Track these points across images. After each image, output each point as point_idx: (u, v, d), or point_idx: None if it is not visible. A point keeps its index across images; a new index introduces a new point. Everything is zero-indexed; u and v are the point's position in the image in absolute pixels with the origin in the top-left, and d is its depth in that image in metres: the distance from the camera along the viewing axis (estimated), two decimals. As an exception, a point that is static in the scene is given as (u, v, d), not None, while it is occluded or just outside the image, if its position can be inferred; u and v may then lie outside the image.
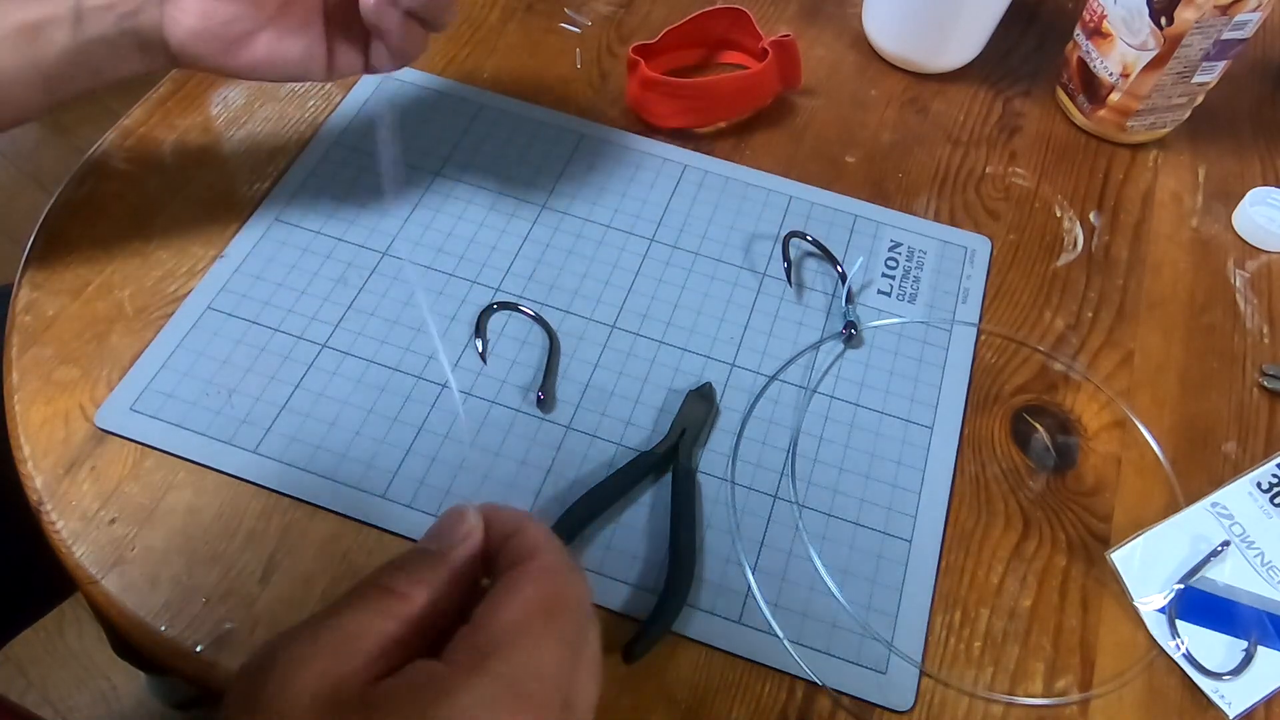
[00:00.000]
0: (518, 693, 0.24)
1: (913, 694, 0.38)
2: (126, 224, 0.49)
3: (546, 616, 0.26)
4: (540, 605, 0.26)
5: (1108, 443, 0.46)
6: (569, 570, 0.27)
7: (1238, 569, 0.41)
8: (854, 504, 0.43)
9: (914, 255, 0.51)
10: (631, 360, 0.46)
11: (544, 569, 0.27)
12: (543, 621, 0.26)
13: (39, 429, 0.42)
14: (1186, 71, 0.53)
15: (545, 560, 0.27)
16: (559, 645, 0.26)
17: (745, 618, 0.39)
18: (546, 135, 0.55)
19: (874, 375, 0.47)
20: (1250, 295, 0.52)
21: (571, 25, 0.61)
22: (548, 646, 0.25)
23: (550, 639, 0.25)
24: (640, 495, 0.42)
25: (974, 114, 0.59)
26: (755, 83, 0.55)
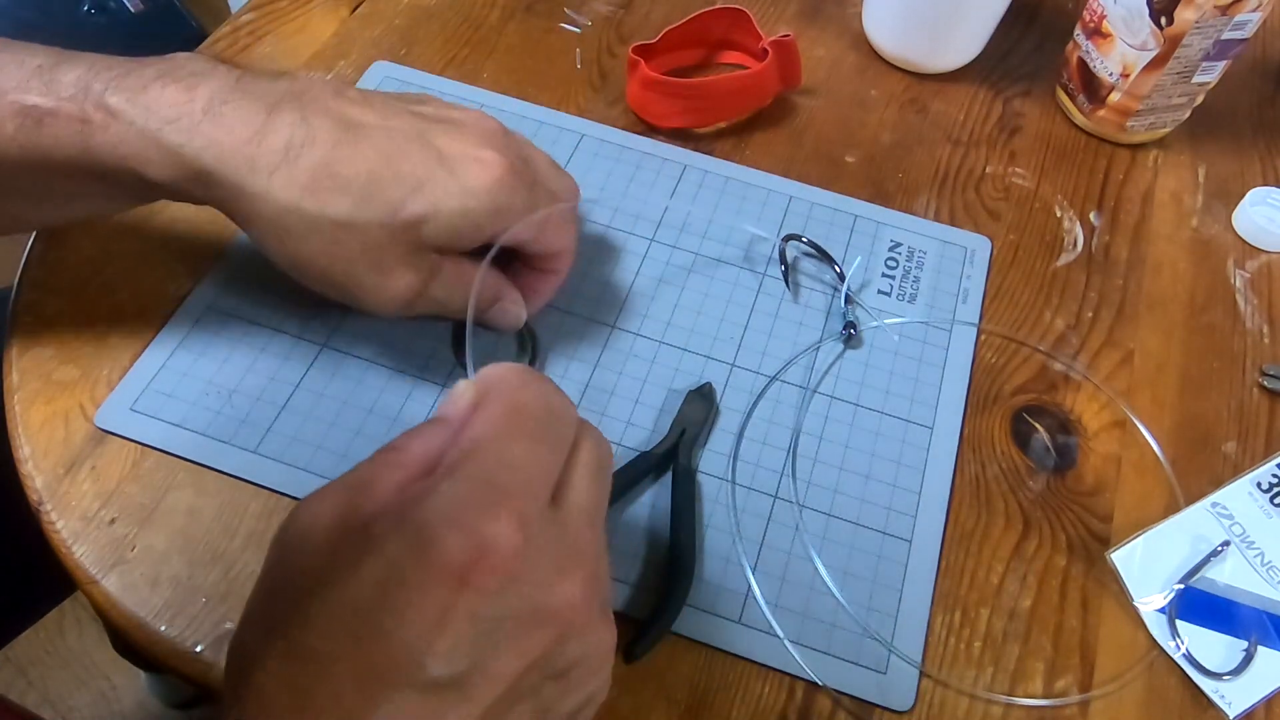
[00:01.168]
0: (490, 485, 0.25)
1: (913, 694, 0.38)
2: (126, 224, 0.49)
3: (511, 418, 0.27)
4: (503, 412, 0.28)
5: (1108, 443, 0.46)
6: (532, 381, 0.29)
7: (1238, 569, 0.41)
8: (854, 504, 0.43)
9: (914, 255, 0.51)
10: (631, 360, 0.46)
11: (506, 385, 0.29)
12: (508, 424, 0.27)
13: (39, 429, 0.42)
14: (1186, 71, 0.53)
15: (507, 378, 0.29)
16: (530, 441, 0.27)
17: (745, 618, 0.39)
18: (546, 135, 0.55)
19: (874, 375, 0.47)
20: (1250, 295, 0.52)
21: (571, 25, 0.61)
22: (517, 442, 0.27)
23: (519, 437, 0.27)
24: (640, 495, 0.42)
25: (974, 114, 0.59)
26: (755, 83, 0.55)
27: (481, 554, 0.24)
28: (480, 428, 0.27)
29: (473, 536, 0.24)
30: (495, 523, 0.25)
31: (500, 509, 0.25)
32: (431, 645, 0.24)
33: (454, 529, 0.24)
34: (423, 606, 0.24)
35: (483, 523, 0.25)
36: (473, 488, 0.25)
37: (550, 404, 0.29)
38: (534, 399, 0.29)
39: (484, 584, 0.24)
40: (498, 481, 0.26)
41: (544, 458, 0.27)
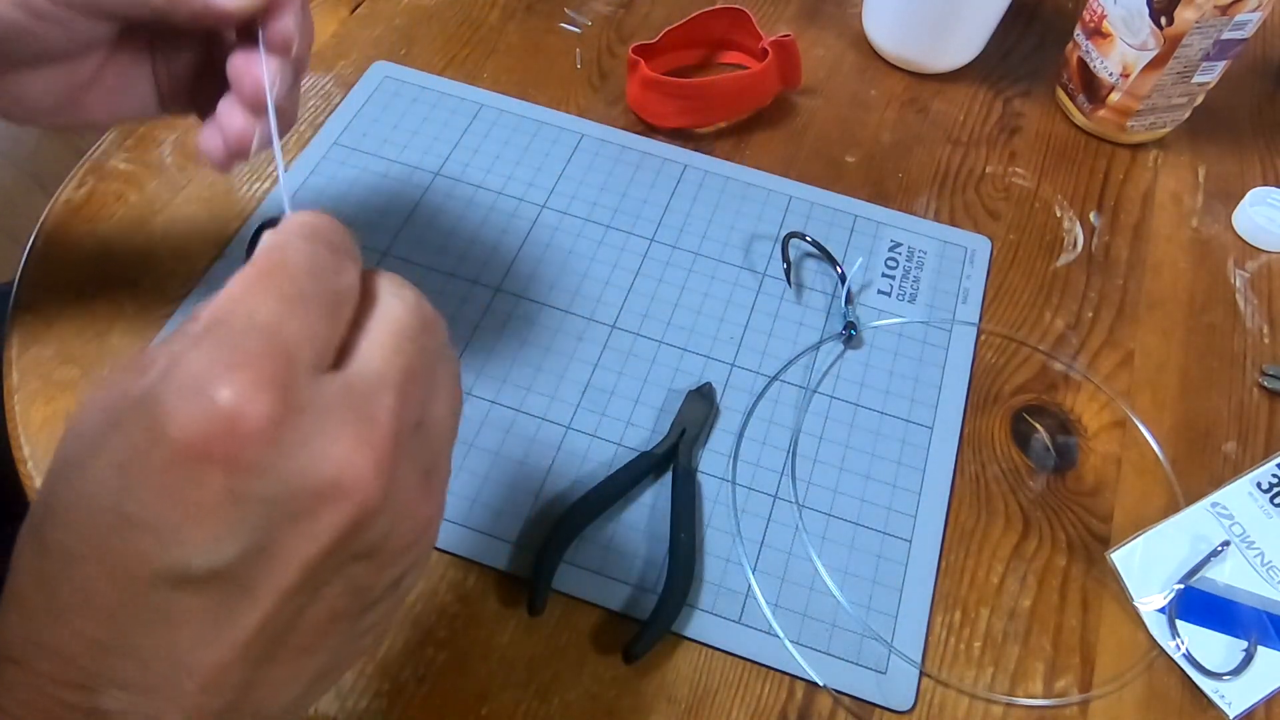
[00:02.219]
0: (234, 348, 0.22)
1: (913, 694, 0.38)
2: (126, 224, 0.49)
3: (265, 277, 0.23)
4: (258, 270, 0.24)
5: (1108, 443, 0.46)
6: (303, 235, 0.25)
7: (1238, 569, 0.41)
8: (854, 504, 0.43)
9: (914, 255, 0.51)
10: (631, 360, 0.46)
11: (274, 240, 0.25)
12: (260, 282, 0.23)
13: (39, 429, 0.42)
14: (1186, 71, 0.53)
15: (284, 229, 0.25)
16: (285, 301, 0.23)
17: (745, 618, 0.39)
18: (546, 135, 0.55)
19: (874, 375, 0.47)
20: (1250, 295, 0.52)
21: (571, 25, 0.61)
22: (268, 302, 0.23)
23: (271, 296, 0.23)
24: (640, 495, 0.42)
25: (974, 114, 0.59)
26: (755, 83, 0.55)
27: (228, 424, 0.21)
28: (233, 288, 0.23)
29: (212, 405, 0.21)
30: (240, 388, 0.21)
31: (246, 371, 0.21)
32: (185, 533, 0.21)
33: (189, 398, 0.21)
34: (167, 489, 0.21)
35: (224, 388, 0.21)
36: (213, 353, 0.22)
37: (316, 260, 0.24)
38: (297, 254, 0.24)
39: (237, 457, 0.21)
40: (243, 345, 0.22)
41: (307, 318, 0.23)
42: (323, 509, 0.22)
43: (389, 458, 0.23)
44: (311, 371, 0.23)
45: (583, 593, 0.39)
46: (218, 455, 0.21)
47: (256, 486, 0.21)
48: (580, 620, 0.39)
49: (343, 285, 0.25)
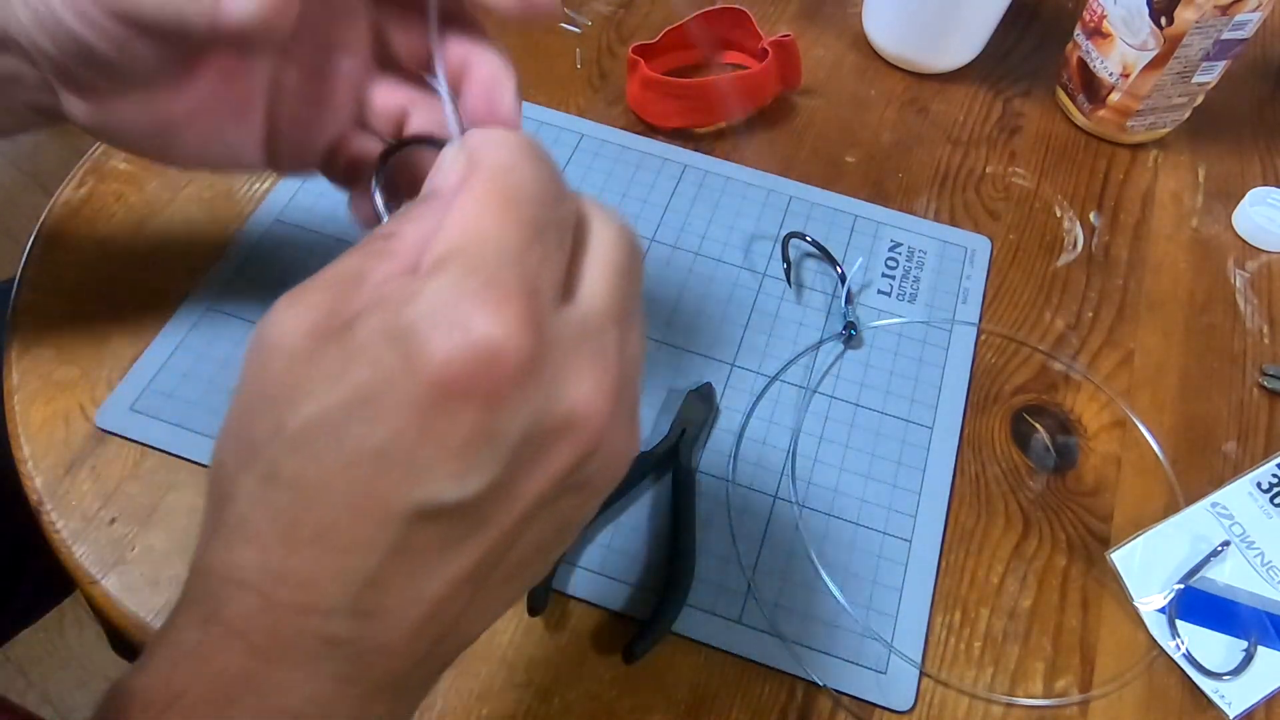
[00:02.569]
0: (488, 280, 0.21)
1: (913, 694, 0.38)
2: (126, 224, 0.49)
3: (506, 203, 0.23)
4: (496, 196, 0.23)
5: (1108, 443, 0.46)
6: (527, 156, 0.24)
7: (1238, 569, 0.41)
8: (854, 504, 0.43)
9: (914, 255, 0.51)
10: (631, 360, 0.46)
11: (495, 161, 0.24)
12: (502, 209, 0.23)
13: (39, 429, 0.42)
14: (1186, 71, 0.53)
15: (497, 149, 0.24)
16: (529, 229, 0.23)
17: (745, 618, 0.39)
18: (546, 135, 0.55)
19: (874, 375, 0.47)
20: (1250, 295, 0.52)
21: (571, 25, 0.61)
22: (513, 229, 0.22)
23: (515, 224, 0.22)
24: (640, 495, 0.42)
25: (974, 114, 0.59)
26: (755, 83, 0.55)
27: (490, 359, 0.21)
28: (469, 213, 0.23)
29: (473, 340, 0.20)
30: (499, 323, 0.21)
31: (504, 306, 0.21)
32: (438, 468, 0.21)
33: (450, 331, 0.20)
34: (423, 423, 0.21)
35: (484, 323, 0.21)
36: (466, 284, 0.21)
37: (546, 184, 0.24)
38: (530, 180, 0.23)
39: (495, 394, 0.21)
40: (498, 276, 0.21)
41: (546, 247, 0.23)
42: (561, 444, 0.22)
43: (618, 393, 0.23)
44: (553, 304, 0.22)
45: (583, 593, 0.39)
46: (477, 391, 0.20)
47: (510, 423, 0.21)
48: (580, 620, 0.39)
49: (567, 211, 0.24)
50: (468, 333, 0.20)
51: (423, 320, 0.21)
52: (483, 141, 0.24)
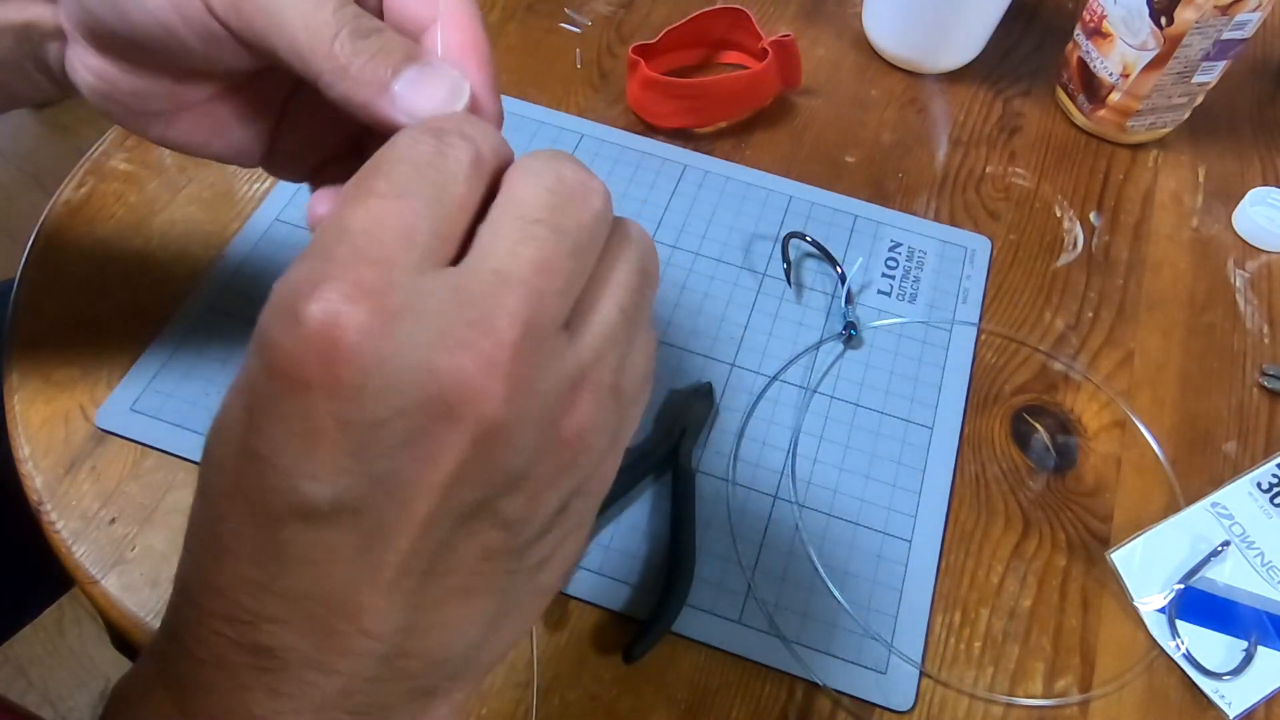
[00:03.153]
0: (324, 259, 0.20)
1: (913, 694, 0.38)
2: (126, 224, 0.49)
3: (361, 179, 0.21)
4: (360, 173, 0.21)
5: (1108, 443, 0.46)
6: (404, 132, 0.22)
7: (1238, 569, 0.41)
8: (854, 504, 0.43)
9: (914, 255, 0.51)
10: (631, 360, 0.46)
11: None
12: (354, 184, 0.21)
13: (39, 429, 0.42)
14: (1186, 71, 0.53)
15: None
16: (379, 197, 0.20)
17: (745, 618, 0.39)
18: (546, 135, 0.55)
19: (874, 375, 0.47)
20: (1250, 295, 0.52)
21: (571, 25, 0.61)
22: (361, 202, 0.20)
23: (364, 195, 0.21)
24: (640, 495, 0.42)
25: (974, 114, 0.59)
26: (755, 83, 0.55)
27: (321, 344, 0.19)
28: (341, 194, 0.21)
29: (302, 326, 0.19)
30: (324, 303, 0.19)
31: (331, 285, 0.19)
32: (302, 465, 0.19)
33: (282, 322, 0.19)
34: (281, 420, 0.19)
35: (309, 305, 0.19)
36: (302, 269, 0.20)
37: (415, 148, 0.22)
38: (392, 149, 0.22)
39: (337, 380, 0.19)
40: (332, 255, 0.20)
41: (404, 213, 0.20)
42: (438, 428, 0.20)
43: (510, 364, 0.20)
44: (413, 272, 0.20)
45: (583, 593, 0.39)
46: (316, 380, 0.19)
47: (362, 410, 0.19)
48: (580, 620, 0.39)
49: (448, 166, 0.22)
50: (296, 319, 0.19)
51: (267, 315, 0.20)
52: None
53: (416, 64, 0.26)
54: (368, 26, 0.25)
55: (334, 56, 0.25)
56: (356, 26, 0.25)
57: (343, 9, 0.25)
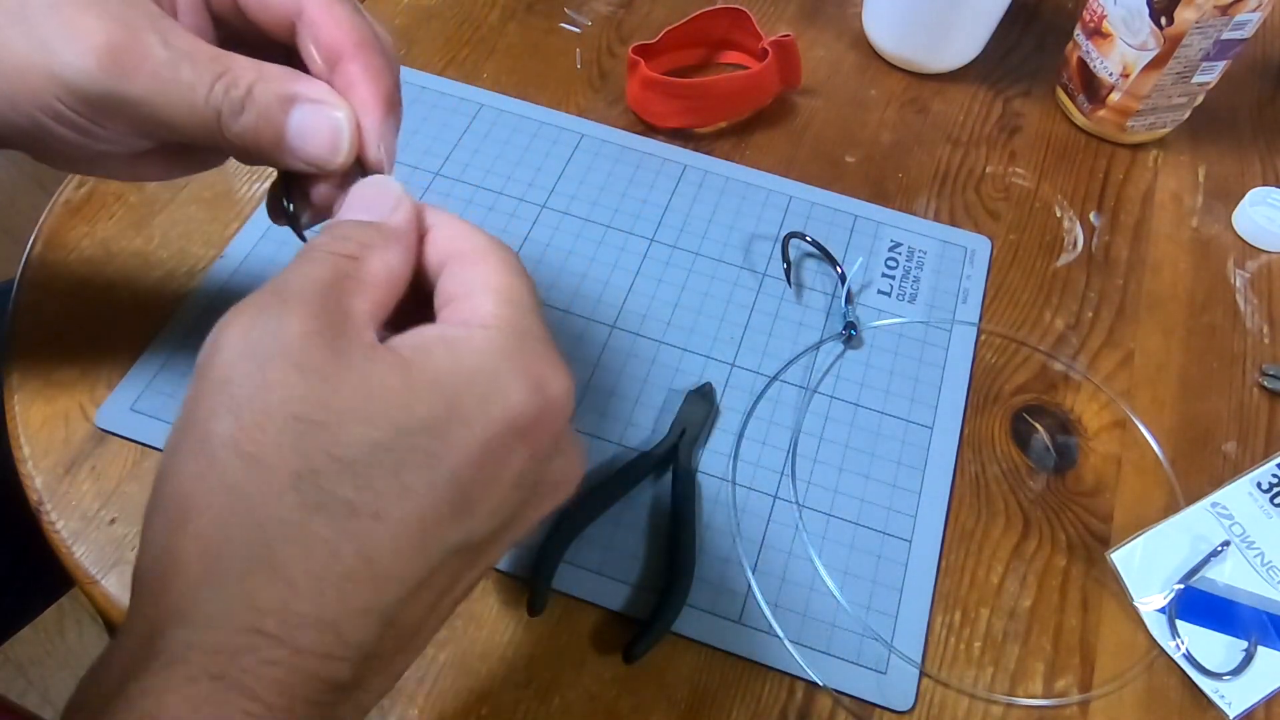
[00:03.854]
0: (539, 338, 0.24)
1: (913, 694, 0.38)
2: (126, 224, 0.49)
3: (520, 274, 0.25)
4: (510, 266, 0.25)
5: (1108, 443, 0.46)
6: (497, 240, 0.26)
7: (1238, 569, 0.41)
8: (854, 504, 0.43)
9: (914, 255, 0.51)
10: (631, 360, 0.46)
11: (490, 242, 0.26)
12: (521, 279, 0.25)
13: (39, 429, 0.42)
14: (1186, 71, 0.53)
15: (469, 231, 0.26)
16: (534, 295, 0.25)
17: (745, 618, 0.39)
18: (546, 135, 0.55)
19: (874, 375, 0.47)
20: (1250, 295, 0.52)
21: (571, 25, 0.61)
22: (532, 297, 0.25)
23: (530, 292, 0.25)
24: (640, 495, 0.42)
25: (974, 114, 0.59)
26: (755, 83, 0.55)
27: (554, 409, 0.23)
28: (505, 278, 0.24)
29: (538, 391, 0.23)
30: (561, 380, 0.23)
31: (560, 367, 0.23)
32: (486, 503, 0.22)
33: (526, 380, 0.22)
34: (484, 461, 0.22)
35: (555, 380, 0.23)
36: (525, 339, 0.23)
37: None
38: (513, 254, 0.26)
39: (540, 443, 0.23)
40: (548, 337, 0.24)
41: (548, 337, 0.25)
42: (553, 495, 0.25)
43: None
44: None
45: (583, 593, 0.39)
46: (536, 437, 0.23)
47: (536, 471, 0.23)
48: (580, 620, 0.39)
49: None
50: (541, 387, 0.23)
51: (503, 370, 0.22)
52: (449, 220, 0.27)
53: (293, 110, 0.27)
54: (238, 97, 0.26)
55: (228, 140, 0.27)
56: (231, 104, 0.26)
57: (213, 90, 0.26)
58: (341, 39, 0.28)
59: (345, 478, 0.20)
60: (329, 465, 0.20)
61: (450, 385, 0.22)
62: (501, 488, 0.22)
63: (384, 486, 0.20)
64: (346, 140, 0.27)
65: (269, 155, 0.27)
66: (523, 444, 0.22)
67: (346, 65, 0.28)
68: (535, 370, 0.23)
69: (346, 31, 0.28)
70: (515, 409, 0.22)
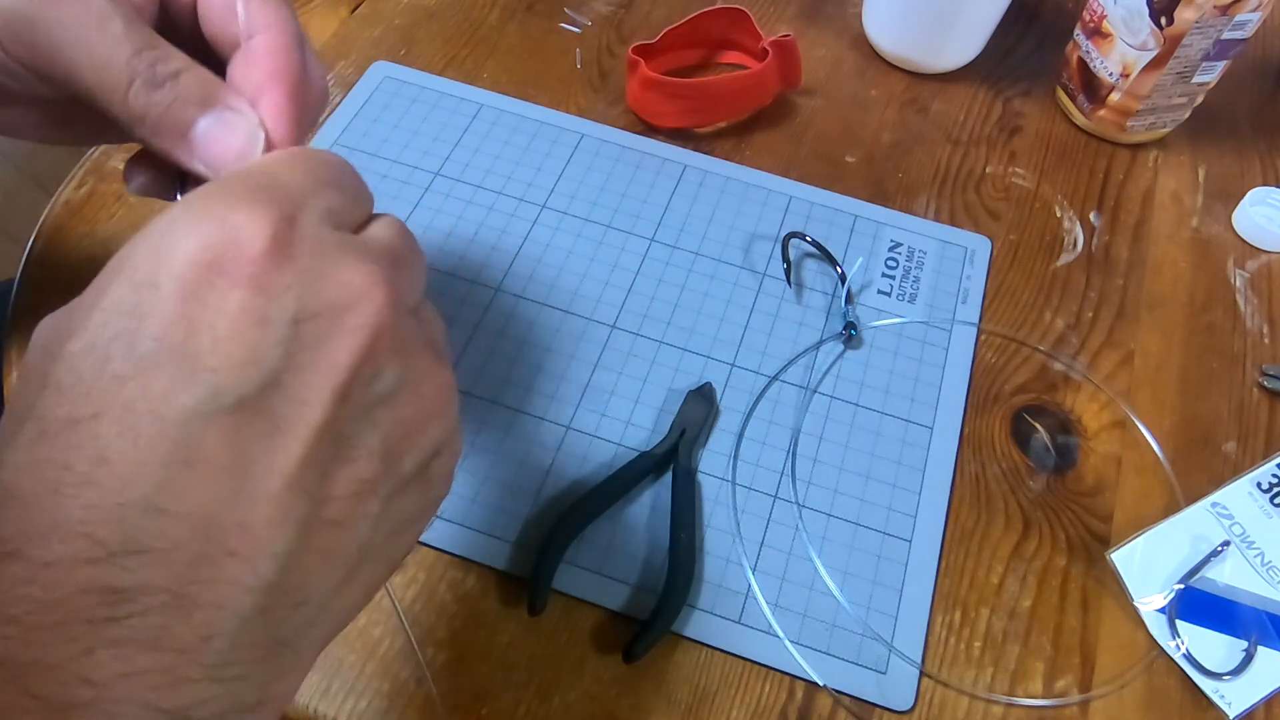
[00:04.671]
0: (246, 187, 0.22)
1: (913, 694, 0.38)
2: (126, 224, 0.49)
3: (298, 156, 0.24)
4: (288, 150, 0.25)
5: (1108, 443, 0.46)
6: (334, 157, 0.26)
7: (1238, 569, 0.41)
8: (854, 504, 0.43)
9: (914, 255, 0.51)
10: (631, 360, 0.46)
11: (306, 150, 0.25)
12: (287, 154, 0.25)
13: (39, 429, 0.42)
14: (1186, 71, 0.53)
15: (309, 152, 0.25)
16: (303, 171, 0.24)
17: (745, 618, 0.39)
18: (546, 135, 0.55)
19: (874, 375, 0.47)
20: (1250, 295, 0.52)
21: (571, 25, 0.61)
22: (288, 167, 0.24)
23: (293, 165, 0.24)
24: (640, 495, 0.42)
25: (974, 114, 0.59)
26: (755, 83, 0.55)
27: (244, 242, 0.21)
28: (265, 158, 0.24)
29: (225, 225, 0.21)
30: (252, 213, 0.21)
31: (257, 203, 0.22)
32: (209, 357, 0.20)
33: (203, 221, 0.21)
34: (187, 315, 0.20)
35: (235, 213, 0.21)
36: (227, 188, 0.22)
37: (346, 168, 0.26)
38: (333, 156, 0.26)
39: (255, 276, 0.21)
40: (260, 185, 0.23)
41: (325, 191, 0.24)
42: (338, 331, 0.22)
43: (395, 292, 0.23)
44: (320, 222, 0.23)
45: (583, 593, 0.39)
46: (234, 273, 0.20)
47: (275, 306, 0.21)
48: (580, 620, 0.39)
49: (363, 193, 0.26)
50: (220, 219, 0.21)
51: (177, 218, 0.21)
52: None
53: (214, 110, 0.26)
54: (164, 73, 0.26)
55: (128, 106, 0.26)
56: (151, 75, 0.26)
57: (139, 55, 0.26)
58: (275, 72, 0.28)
59: (59, 396, 0.20)
60: (46, 393, 0.20)
61: (130, 259, 0.21)
62: (226, 332, 0.20)
63: (94, 386, 0.20)
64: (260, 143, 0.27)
65: (165, 142, 0.27)
66: (226, 279, 0.20)
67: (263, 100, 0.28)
68: (212, 207, 0.21)
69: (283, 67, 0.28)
70: (192, 249, 0.21)
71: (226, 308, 0.20)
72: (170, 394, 0.20)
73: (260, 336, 0.20)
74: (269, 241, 0.21)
